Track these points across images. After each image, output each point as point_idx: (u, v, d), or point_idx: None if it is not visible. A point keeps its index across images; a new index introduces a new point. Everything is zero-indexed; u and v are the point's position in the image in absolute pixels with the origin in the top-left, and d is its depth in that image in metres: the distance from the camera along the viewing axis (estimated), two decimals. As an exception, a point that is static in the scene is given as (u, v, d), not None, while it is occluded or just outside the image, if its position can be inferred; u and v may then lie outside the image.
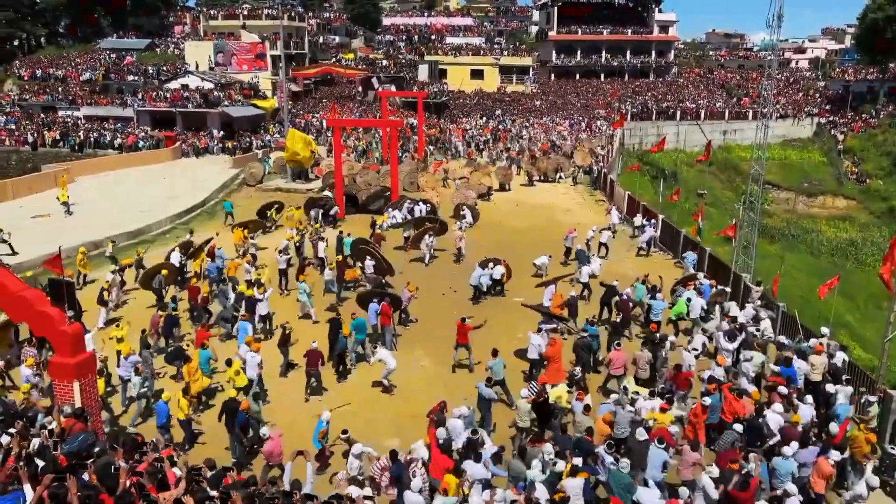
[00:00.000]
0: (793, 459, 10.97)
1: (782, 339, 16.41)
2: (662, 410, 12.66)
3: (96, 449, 9.05)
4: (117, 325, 16.52)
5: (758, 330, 16.67)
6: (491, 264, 21.65)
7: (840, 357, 14.89)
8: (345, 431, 12.07)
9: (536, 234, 28.73)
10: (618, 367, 14.89)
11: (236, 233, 25.41)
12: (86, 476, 7.97)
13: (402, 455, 10.98)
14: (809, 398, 13.10)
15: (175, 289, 20.97)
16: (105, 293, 18.94)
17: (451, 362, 16.69)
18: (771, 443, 11.80)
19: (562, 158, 42.66)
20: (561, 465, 10.63)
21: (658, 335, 16.23)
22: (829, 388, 13.66)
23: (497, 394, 14.05)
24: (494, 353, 14.76)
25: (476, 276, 21.21)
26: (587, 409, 12.64)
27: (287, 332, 16.57)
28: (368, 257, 22.05)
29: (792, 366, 14.35)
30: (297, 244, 24.84)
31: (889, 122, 64.91)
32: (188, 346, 16.92)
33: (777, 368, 14.49)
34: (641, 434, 11.49)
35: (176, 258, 21.96)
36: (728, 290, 19.66)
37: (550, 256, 23.88)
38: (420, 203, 30.09)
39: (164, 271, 20.45)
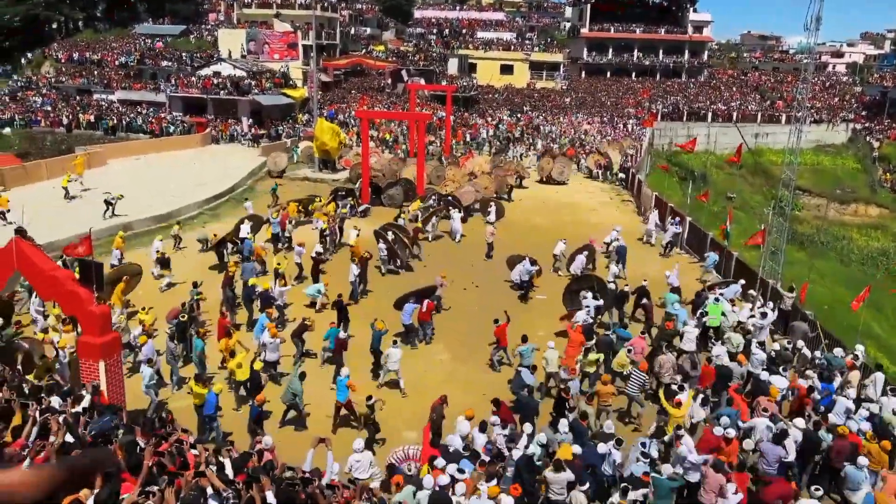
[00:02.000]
0: (866, 470, 10.79)
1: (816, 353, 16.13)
2: (677, 405, 12.70)
3: (120, 431, 9.23)
4: (143, 309, 16.77)
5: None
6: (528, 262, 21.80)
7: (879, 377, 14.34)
8: (369, 397, 12.38)
9: (560, 232, 28.51)
10: (638, 353, 15.36)
11: (291, 206, 27.21)
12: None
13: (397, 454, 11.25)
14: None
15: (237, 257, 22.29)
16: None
17: (472, 358, 16.77)
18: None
19: (565, 160, 41.42)
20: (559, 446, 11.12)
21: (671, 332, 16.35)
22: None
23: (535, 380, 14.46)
24: (524, 338, 15.22)
25: (523, 270, 21.25)
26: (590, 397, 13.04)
27: (308, 323, 16.67)
28: (382, 241, 22.56)
29: (832, 383, 14.09)
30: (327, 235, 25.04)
31: (927, 130, 63.52)
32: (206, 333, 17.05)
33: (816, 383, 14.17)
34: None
35: (245, 230, 23.52)
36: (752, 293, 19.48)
37: (566, 241, 24.01)
38: (448, 198, 30.33)
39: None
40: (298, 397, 13.38)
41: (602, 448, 11.08)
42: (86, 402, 10.60)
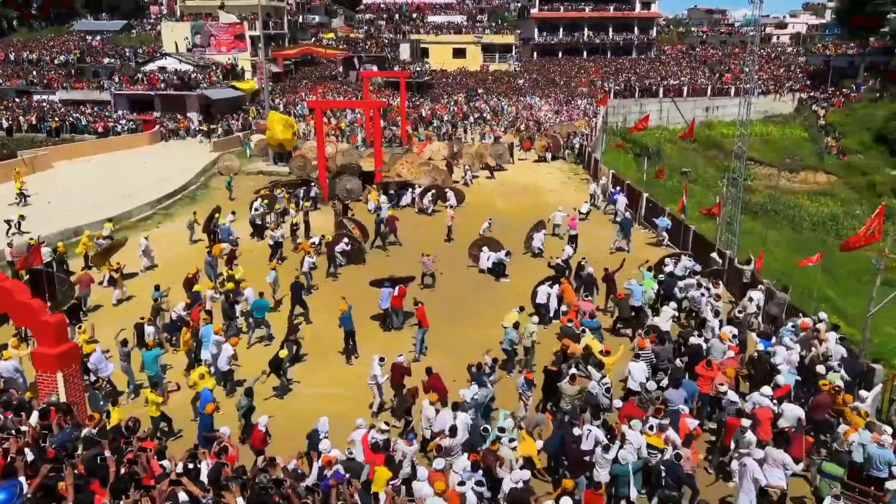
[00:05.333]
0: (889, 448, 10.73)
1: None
2: (605, 353, 13.65)
3: (79, 442, 8.97)
4: (79, 327, 16.02)
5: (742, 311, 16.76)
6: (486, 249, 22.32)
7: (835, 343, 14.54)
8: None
9: (525, 215, 28.53)
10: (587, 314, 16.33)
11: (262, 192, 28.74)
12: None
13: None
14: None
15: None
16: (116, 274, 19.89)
17: (443, 347, 16.71)
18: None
19: (502, 145, 41.24)
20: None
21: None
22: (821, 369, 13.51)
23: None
24: (516, 324, 15.51)
25: (494, 256, 21.81)
26: (572, 378, 12.98)
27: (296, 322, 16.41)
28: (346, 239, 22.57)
29: (769, 339, 14.59)
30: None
31: (869, 96, 65.36)
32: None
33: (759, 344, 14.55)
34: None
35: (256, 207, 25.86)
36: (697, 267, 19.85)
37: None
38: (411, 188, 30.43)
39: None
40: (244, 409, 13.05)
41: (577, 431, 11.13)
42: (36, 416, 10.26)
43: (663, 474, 10.16)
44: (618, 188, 29.20)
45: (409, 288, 18.39)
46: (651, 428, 10.98)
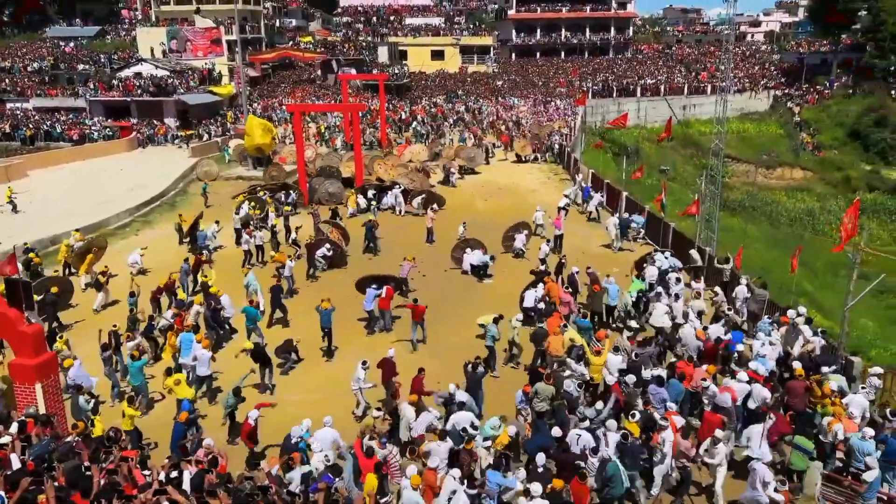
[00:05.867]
0: (871, 441, 10.72)
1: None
2: (596, 353, 13.63)
3: (57, 453, 8.86)
4: (61, 337, 15.76)
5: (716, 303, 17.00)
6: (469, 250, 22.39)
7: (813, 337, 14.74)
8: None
9: (505, 216, 28.59)
10: (565, 305, 16.80)
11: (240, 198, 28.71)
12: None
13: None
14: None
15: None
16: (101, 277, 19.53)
17: (426, 348, 16.71)
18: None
19: (474, 148, 41.34)
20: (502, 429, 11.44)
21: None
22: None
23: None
24: (496, 319, 15.74)
25: (476, 258, 21.98)
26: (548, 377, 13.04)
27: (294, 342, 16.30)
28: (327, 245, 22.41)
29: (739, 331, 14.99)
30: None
31: (842, 93, 66.38)
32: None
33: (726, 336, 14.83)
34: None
35: (243, 210, 25.81)
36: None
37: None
38: (393, 189, 30.32)
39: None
40: (231, 409, 13.03)
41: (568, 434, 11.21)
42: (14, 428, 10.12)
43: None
44: (589, 186, 29.43)
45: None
46: (633, 416, 11.34)
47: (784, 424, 11.56)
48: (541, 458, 10.21)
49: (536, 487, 9.33)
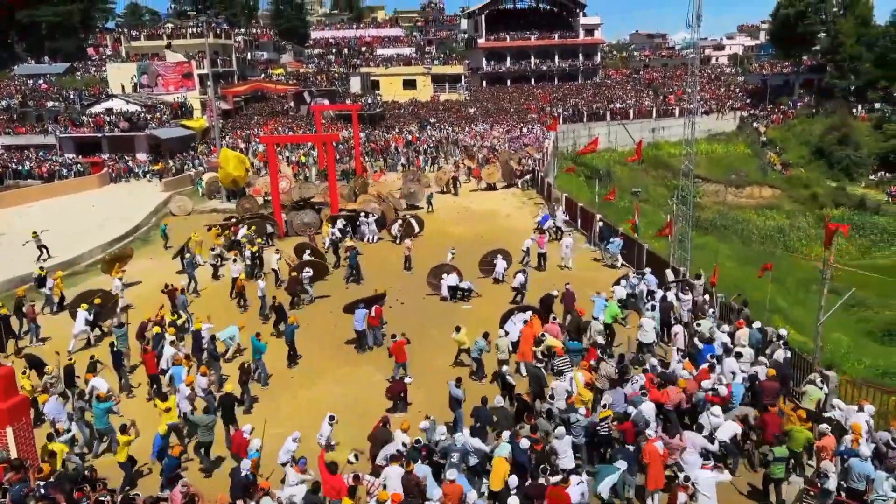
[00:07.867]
0: (869, 462, 10.68)
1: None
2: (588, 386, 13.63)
3: (30, 498, 8.64)
4: (24, 373, 15.44)
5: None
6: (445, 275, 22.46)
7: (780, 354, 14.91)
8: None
9: (480, 240, 28.71)
10: (555, 335, 16.51)
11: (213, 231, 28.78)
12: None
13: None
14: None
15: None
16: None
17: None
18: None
19: (416, 184, 40.96)
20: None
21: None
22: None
23: (464, 392, 14.11)
24: (485, 335, 16.15)
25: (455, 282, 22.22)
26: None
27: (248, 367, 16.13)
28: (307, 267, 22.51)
29: (712, 345, 15.16)
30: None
31: (805, 112, 68.20)
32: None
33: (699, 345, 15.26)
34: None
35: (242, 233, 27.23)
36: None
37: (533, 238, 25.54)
38: (366, 216, 30.28)
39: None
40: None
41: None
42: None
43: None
44: (547, 214, 29.90)
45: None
46: (604, 407, 12.44)
47: (776, 425, 11.95)
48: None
49: None
